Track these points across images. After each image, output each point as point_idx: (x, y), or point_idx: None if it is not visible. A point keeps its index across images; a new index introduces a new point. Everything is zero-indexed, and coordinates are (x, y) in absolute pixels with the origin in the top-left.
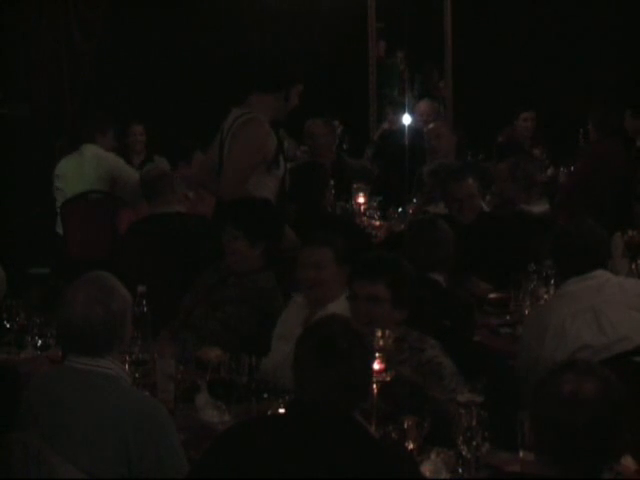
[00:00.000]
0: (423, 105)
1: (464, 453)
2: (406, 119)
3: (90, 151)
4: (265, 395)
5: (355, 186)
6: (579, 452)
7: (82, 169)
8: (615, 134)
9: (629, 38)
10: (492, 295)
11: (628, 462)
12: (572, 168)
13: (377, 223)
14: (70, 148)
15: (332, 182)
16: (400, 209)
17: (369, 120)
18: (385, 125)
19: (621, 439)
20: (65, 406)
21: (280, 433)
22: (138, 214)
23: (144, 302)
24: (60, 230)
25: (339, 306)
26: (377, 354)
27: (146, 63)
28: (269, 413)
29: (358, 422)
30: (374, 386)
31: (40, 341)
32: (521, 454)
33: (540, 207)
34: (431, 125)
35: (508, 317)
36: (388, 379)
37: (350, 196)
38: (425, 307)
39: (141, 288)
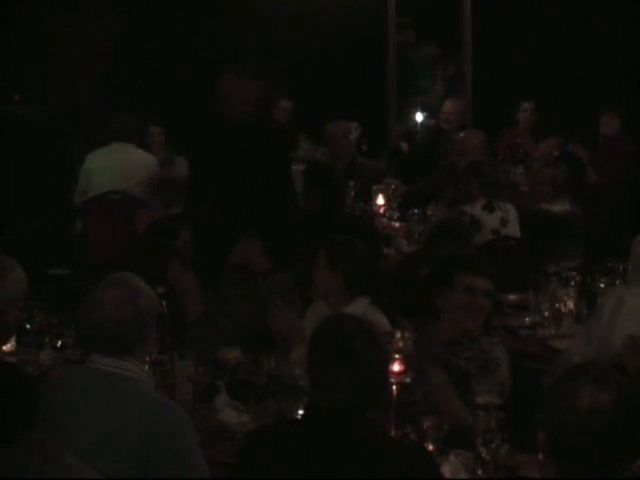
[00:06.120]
0: (449, 104)
1: (483, 455)
2: (418, 117)
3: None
4: (284, 396)
5: (375, 188)
6: (597, 458)
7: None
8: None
9: None
10: (511, 297)
11: None
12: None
13: (396, 224)
14: (87, 149)
15: (352, 184)
16: (417, 210)
17: (388, 121)
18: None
19: (638, 440)
20: (84, 407)
21: (299, 438)
22: (155, 214)
23: (163, 303)
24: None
25: (354, 310)
26: (397, 355)
27: (164, 62)
28: (287, 418)
29: (376, 423)
30: (394, 387)
31: (60, 342)
32: (540, 456)
33: (560, 206)
34: (462, 134)
35: (527, 319)
36: (408, 380)
37: (370, 197)
38: None
39: (160, 289)
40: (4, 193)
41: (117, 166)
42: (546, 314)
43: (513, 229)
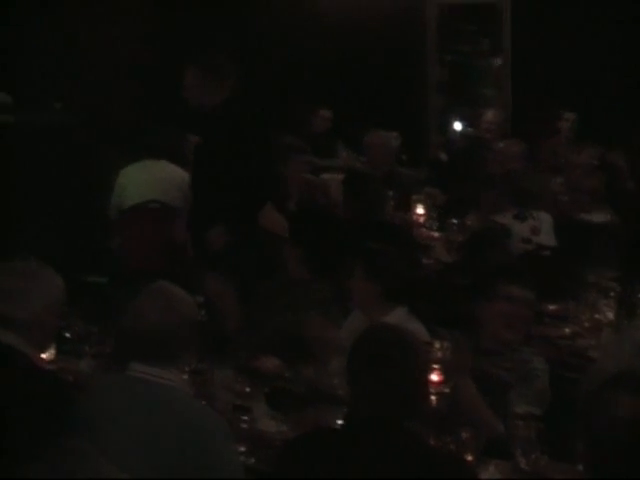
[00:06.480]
0: (490, 114)
1: (522, 465)
2: (457, 126)
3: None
4: (322, 405)
5: (414, 197)
6: (637, 468)
7: None
8: None
9: None
10: (551, 307)
11: None
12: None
13: (436, 234)
14: (121, 157)
15: (391, 193)
16: (456, 220)
17: (429, 131)
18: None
19: None
20: (122, 415)
21: (337, 447)
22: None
23: (203, 312)
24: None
25: (392, 320)
26: (436, 365)
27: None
28: (326, 427)
29: (415, 432)
30: (433, 398)
31: (100, 350)
32: (579, 467)
33: (600, 216)
34: (501, 144)
35: (567, 330)
36: (447, 390)
37: (409, 207)
38: None
39: (199, 298)
40: (43, 199)
41: (152, 180)
42: (586, 325)
43: (547, 238)
